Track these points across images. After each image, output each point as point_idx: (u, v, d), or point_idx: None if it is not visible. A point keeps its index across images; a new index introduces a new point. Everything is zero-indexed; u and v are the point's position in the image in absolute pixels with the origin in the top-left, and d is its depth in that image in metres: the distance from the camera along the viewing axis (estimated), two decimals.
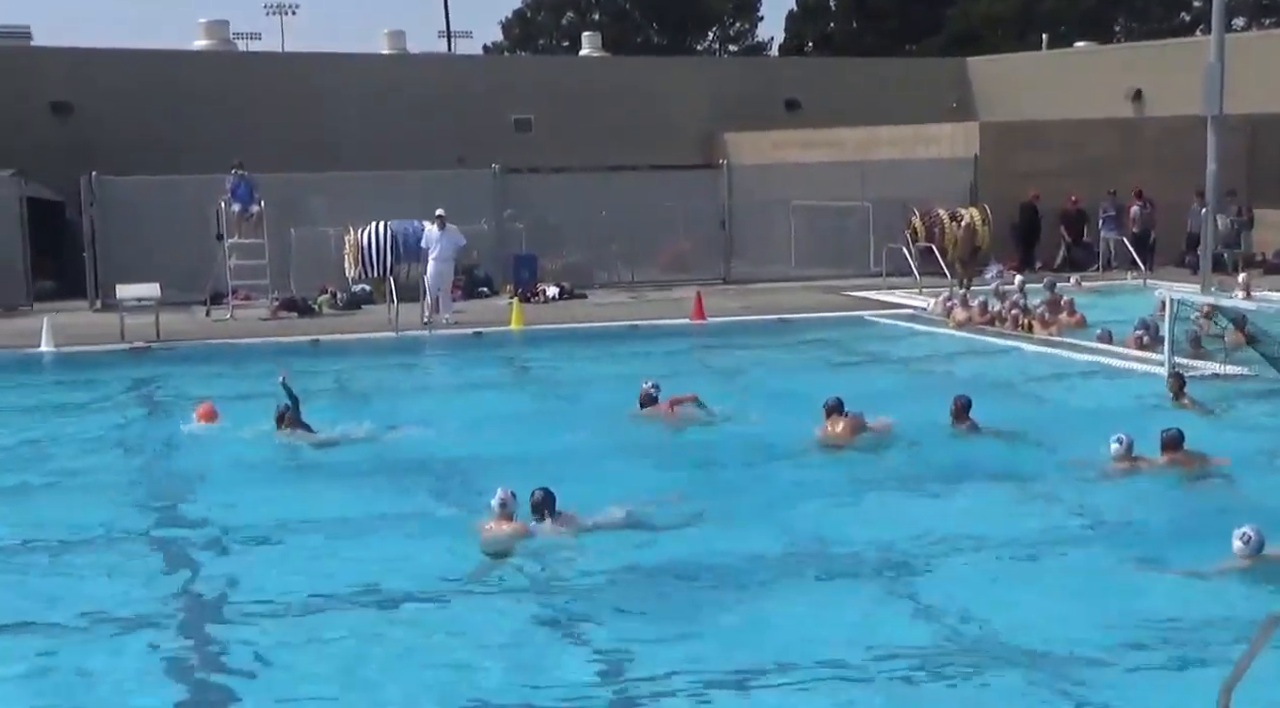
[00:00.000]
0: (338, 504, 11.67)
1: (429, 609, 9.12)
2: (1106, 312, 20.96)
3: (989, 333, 20.41)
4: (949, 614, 8.81)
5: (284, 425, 13.92)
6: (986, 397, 14.60)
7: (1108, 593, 9.17)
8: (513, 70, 41.90)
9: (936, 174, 28.46)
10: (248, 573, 9.92)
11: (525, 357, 19.78)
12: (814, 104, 36.81)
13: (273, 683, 7.96)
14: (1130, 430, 12.26)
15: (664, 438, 14.02)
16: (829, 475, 12.49)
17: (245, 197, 23.87)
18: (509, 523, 10.23)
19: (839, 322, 22.32)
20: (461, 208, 24.61)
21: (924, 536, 10.43)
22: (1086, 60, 39.08)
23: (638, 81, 36.99)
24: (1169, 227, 27.78)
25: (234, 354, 19.90)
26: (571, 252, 27.72)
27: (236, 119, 31.51)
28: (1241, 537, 9.36)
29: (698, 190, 28.68)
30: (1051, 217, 28.44)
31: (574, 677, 7.93)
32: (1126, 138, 29.70)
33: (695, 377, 17.86)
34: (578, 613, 8.99)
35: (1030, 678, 7.85)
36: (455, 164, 29.81)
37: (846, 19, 62.97)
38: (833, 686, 7.75)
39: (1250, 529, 9.38)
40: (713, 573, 9.69)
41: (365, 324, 22.36)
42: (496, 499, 10.27)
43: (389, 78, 35.35)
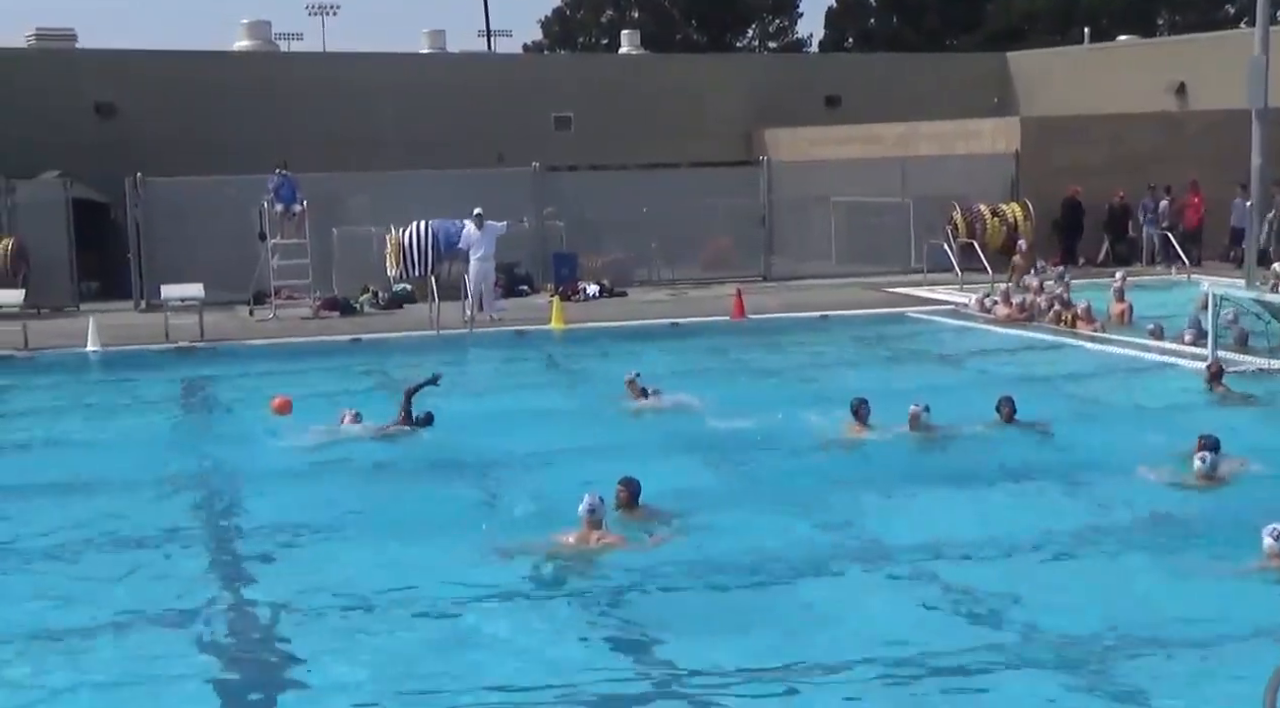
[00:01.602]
0: (380, 504, 11.75)
1: (474, 610, 9.15)
2: (1149, 307, 20.82)
3: (1031, 328, 20.32)
4: (984, 612, 8.80)
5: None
6: (1027, 393, 14.55)
7: (1148, 591, 9.13)
8: (552, 68, 41.98)
9: (977, 170, 28.35)
10: (287, 572, 10.01)
11: (567, 354, 19.82)
12: (854, 100, 36.70)
13: (314, 685, 8.02)
14: (1170, 426, 12.17)
15: (698, 435, 14.00)
16: (861, 472, 12.45)
17: (288, 196, 24.01)
18: (598, 532, 9.99)
19: (880, 318, 22.28)
20: (501, 206, 24.66)
21: (961, 533, 10.42)
22: (1128, 54, 38.79)
23: (677, 79, 36.98)
24: (1213, 221, 27.56)
25: (278, 354, 20.04)
26: (611, 249, 27.75)
27: (278, 119, 31.70)
28: (1272, 533, 9.31)
29: (737, 187, 28.67)
30: (1096, 212, 28.24)
31: (607, 674, 7.97)
32: (1169, 132, 29.47)
33: (736, 374, 17.91)
34: (612, 612, 9.02)
35: (1069, 677, 7.83)
36: (495, 162, 29.90)
37: (886, 15, 62.75)
38: (865, 683, 7.75)
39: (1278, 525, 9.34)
40: (749, 571, 9.70)
41: (406, 323, 22.47)
42: (585, 505, 9.99)
43: (429, 77, 35.48)
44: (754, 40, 66.41)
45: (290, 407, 14.94)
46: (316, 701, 7.79)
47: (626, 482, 10.57)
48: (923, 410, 13.41)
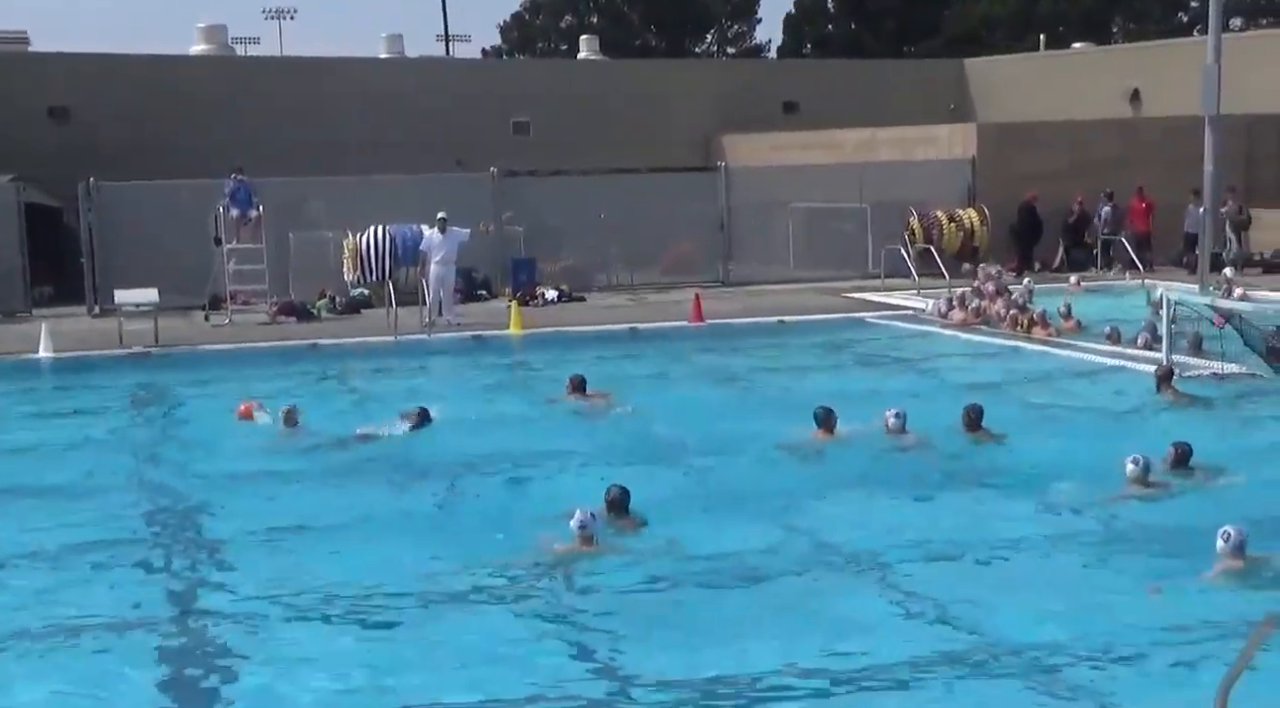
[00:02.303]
0: (339, 507, 11.69)
1: (430, 613, 9.12)
2: (1103, 311, 20.96)
3: (986, 333, 20.42)
4: (944, 618, 8.80)
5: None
6: (982, 398, 14.59)
7: (1104, 597, 9.17)
8: (511, 73, 41.95)
9: (935, 176, 28.50)
10: (248, 578, 9.91)
11: (525, 360, 19.78)
12: (812, 106, 36.83)
13: (276, 693, 7.97)
14: (1123, 429, 12.21)
15: (659, 439, 14.01)
16: (820, 479, 12.45)
17: (244, 201, 23.87)
18: (590, 546, 9.94)
19: (838, 323, 22.33)
20: (460, 211, 24.61)
21: (920, 539, 10.41)
22: (1084, 61, 39.12)
23: (636, 84, 37.03)
24: (1167, 226, 27.79)
25: (233, 359, 19.91)
26: (570, 254, 27.73)
27: (235, 123, 31.53)
28: (1222, 535, 9.40)
29: (696, 193, 28.71)
30: (1053, 218, 28.42)
31: (578, 679, 7.95)
32: (1125, 138, 29.73)
33: (693, 379, 17.92)
34: (582, 618, 9.00)
35: (1027, 682, 7.85)
36: (454, 167, 29.83)
37: (845, 21, 63.00)
38: (831, 689, 7.76)
39: (1231, 528, 9.41)
40: (709, 576, 9.69)
41: (364, 328, 22.36)
42: (576, 521, 9.89)
43: (387, 81, 35.37)
44: (713, 46, 66.57)
45: (254, 412, 14.83)
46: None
47: (619, 488, 10.52)
48: (893, 416, 13.43)
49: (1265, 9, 59.23)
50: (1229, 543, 9.36)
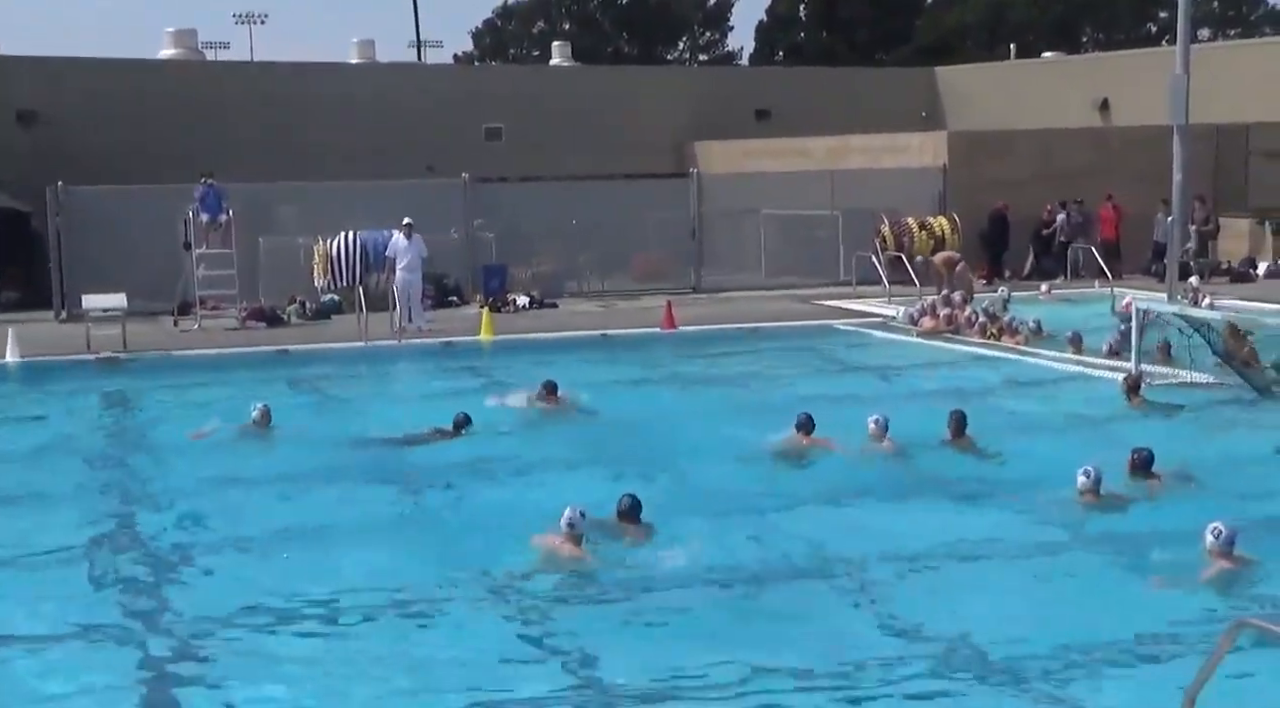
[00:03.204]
0: (312, 513, 11.65)
1: (397, 621, 9.08)
2: (1071, 320, 21.04)
3: (956, 341, 20.48)
4: (915, 626, 8.83)
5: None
6: (954, 405, 14.63)
7: (1074, 602, 9.20)
8: (483, 80, 41.90)
9: (905, 183, 28.59)
10: (211, 585, 9.87)
11: (495, 366, 19.73)
12: (784, 113, 36.93)
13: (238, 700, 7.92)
14: (1093, 436, 12.23)
15: (630, 446, 14.00)
16: (792, 486, 12.45)
17: (214, 206, 23.74)
18: (572, 546, 9.98)
19: (808, 330, 22.37)
20: (431, 217, 24.58)
21: (893, 546, 10.43)
22: (1054, 70, 39.36)
23: (608, 91, 37.06)
24: (1136, 235, 27.95)
25: (202, 365, 19.81)
26: (542, 261, 27.69)
27: (205, 128, 31.39)
28: (1213, 530, 9.44)
29: (668, 199, 28.72)
30: (1022, 226, 28.54)
31: (547, 686, 7.92)
32: (1094, 147, 29.88)
33: (664, 385, 17.92)
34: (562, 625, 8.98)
35: (998, 685, 7.88)
36: (425, 173, 29.76)
37: (816, 29, 63.21)
38: (802, 697, 7.75)
39: (1223, 524, 9.46)
40: (680, 581, 9.68)
41: (334, 334, 22.28)
42: (565, 519, 9.95)
43: (359, 87, 35.30)
44: (685, 53, 66.69)
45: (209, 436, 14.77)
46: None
47: (629, 498, 10.51)
48: (874, 422, 13.45)
49: (1233, 20, 59.73)
50: (1220, 539, 9.41)
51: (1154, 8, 59.27)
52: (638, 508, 10.49)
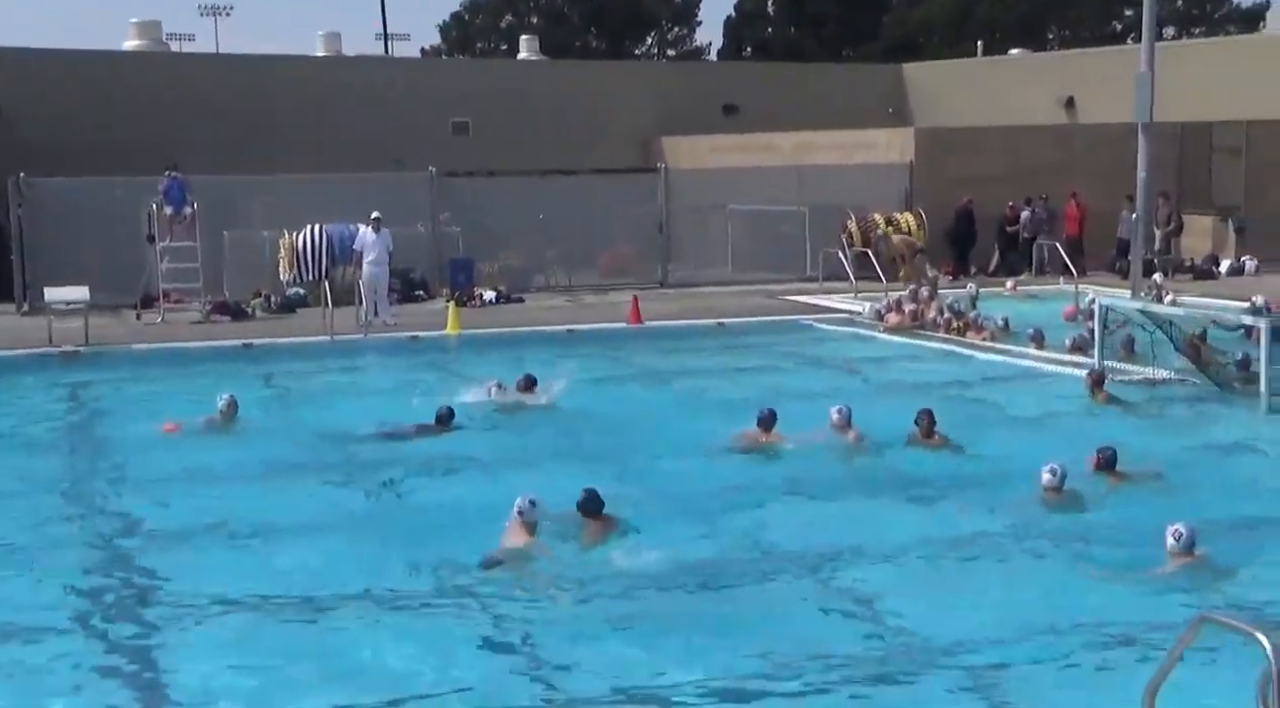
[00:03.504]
0: (271, 508, 11.60)
1: (355, 613, 9.05)
2: (1036, 317, 21.16)
3: (923, 337, 20.55)
4: (877, 621, 8.86)
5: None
6: (920, 401, 14.69)
7: (1038, 599, 9.24)
8: (450, 73, 41.76)
9: (872, 179, 28.66)
10: (177, 576, 9.81)
11: (461, 361, 19.68)
12: (752, 109, 36.96)
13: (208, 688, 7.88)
14: (1057, 432, 12.25)
15: (594, 441, 13.99)
16: (756, 480, 12.45)
17: (178, 198, 23.60)
18: (522, 534, 10.08)
19: (775, 326, 22.41)
20: (398, 211, 24.50)
21: (854, 542, 10.46)
22: (1020, 68, 39.53)
23: (576, 86, 36.99)
24: (1101, 232, 28.10)
25: (166, 358, 19.68)
26: (508, 255, 27.65)
27: (169, 120, 31.17)
28: (1174, 533, 9.50)
29: (636, 194, 28.71)
30: (989, 222, 28.67)
31: (504, 682, 7.90)
32: (1060, 144, 30.04)
33: (630, 380, 17.92)
34: (518, 619, 8.96)
35: (960, 683, 7.91)
36: (392, 167, 29.66)
37: (784, 25, 63.30)
38: (761, 690, 7.76)
39: (1183, 526, 9.53)
40: (642, 576, 9.68)
41: (300, 328, 22.17)
42: (515, 507, 10.10)
43: (325, 80, 35.13)
44: (653, 48, 66.65)
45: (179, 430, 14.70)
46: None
47: (586, 492, 10.53)
48: (837, 412, 13.49)
49: (1198, 18, 60.13)
50: (1180, 541, 9.47)
51: (1120, 6, 59.61)
52: (597, 502, 10.50)
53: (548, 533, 10.22)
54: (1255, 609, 8.65)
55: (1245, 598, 9.03)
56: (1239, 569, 9.60)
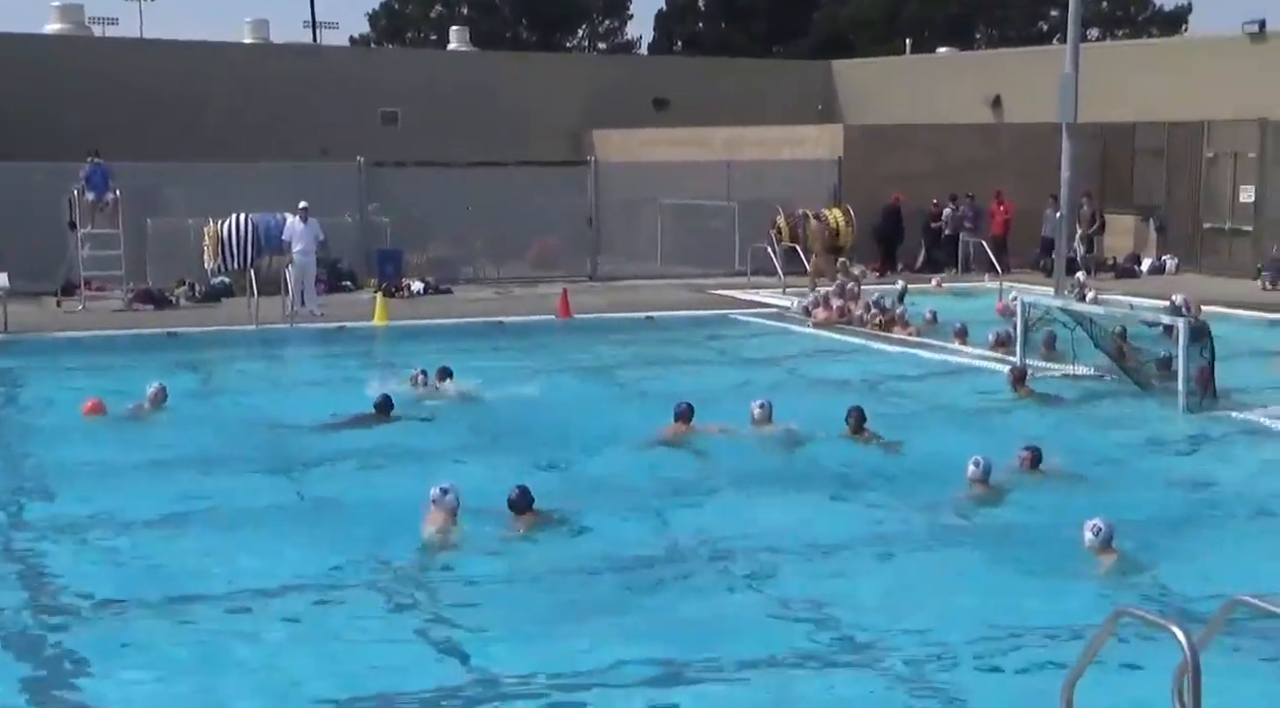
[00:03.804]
0: (194, 498, 11.48)
1: (282, 606, 8.98)
2: (960, 313, 21.39)
3: (849, 332, 20.70)
4: (800, 614, 8.90)
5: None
6: (845, 396, 14.82)
7: (962, 593, 9.33)
8: (380, 63, 41.44)
9: (802, 175, 28.81)
10: (96, 568, 9.70)
11: (388, 352, 19.57)
12: (682, 103, 37.01)
13: (128, 684, 7.79)
14: (978, 427, 12.37)
15: (520, 433, 13.97)
16: (679, 474, 12.48)
17: (100, 185, 23.29)
18: (441, 521, 10.24)
19: (704, 320, 22.48)
20: (325, 201, 24.31)
21: (776, 535, 10.50)
22: (948, 66, 39.85)
23: (506, 77, 36.86)
24: (1026, 231, 28.43)
25: (87, 347, 19.42)
26: (437, 247, 27.53)
27: (92, 105, 30.70)
28: (1092, 528, 9.64)
29: (565, 187, 28.68)
30: (914, 219, 28.91)
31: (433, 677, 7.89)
32: (986, 143, 30.34)
33: (559, 373, 17.89)
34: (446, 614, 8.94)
35: (883, 674, 7.97)
36: (319, 156, 29.41)
37: (715, 19, 63.39)
38: (688, 684, 7.79)
39: (1101, 521, 9.67)
40: (566, 569, 9.70)
41: (225, 317, 21.95)
42: (431, 495, 10.33)
43: (251, 67, 34.75)
44: (584, 40, 66.51)
45: (100, 407, 14.49)
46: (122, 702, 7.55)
47: (518, 489, 10.55)
48: (758, 407, 13.54)
49: (1121, 20, 60.92)
50: (1099, 536, 9.61)
51: (1045, 7, 60.25)
52: (528, 498, 10.50)
53: (476, 524, 10.20)
54: (1172, 603, 8.80)
55: (1162, 592, 9.18)
56: (1156, 564, 9.75)
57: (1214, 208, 28.55)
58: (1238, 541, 10.63)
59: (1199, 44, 34.05)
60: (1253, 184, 27.69)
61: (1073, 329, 16.83)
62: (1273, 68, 28.26)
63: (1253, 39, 29.24)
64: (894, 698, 7.71)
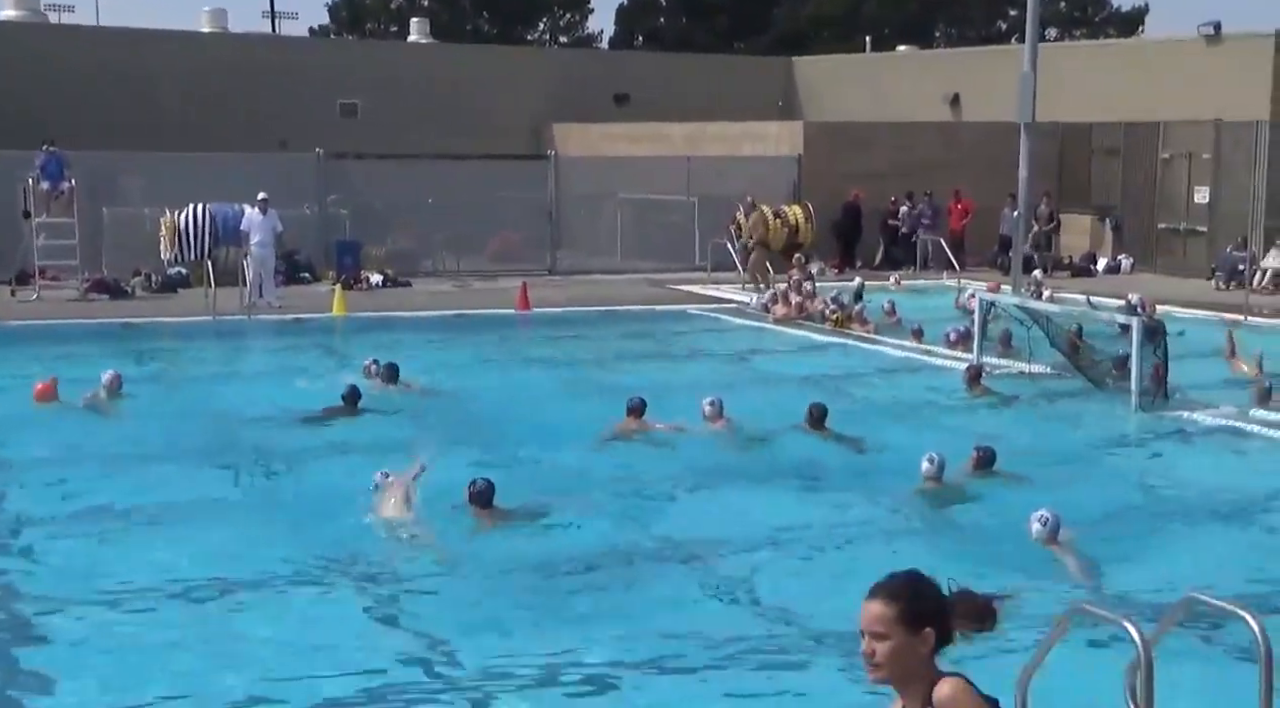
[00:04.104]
0: (150, 489, 11.43)
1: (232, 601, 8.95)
2: (922, 310, 21.52)
3: (807, 328, 20.77)
4: (760, 608, 8.95)
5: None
6: (803, 392, 14.86)
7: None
8: (340, 54, 41.21)
9: (761, 172, 28.87)
10: (50, 561, 9.62)
11: (346, 344, 19.49)
12: (643, 98, 37.02)
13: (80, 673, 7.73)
14: (933, 424, 12.42)
15: (475, 426, 13.95)
16: (632, 469, 12.47)
17: (55, 174, 23.10)
18: (390, 507, 10.45)
19: (663, 315, 22.51)
20: (284, 192, 24.18)
21: (731, 529, 10.55)
22: (908, 64, 40.01)
23: (467, 70, 36.75)
24: (983, 229, 28.60)
25: (42, 336, 19.26)
26: (396, 239, 27.44)
27: (47, 93, 30.42)
28: (1039, 519, 9.73)
29: (525, 181, 28.63)
30: (873, 217, 29.03)
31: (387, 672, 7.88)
32: (945, 141, 30.49)
33: (518, 367, 17.89)
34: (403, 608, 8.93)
35: (836, 670, 8.01)
36: (278, 147, 29.23)
37: (676, 14, 63.40)
38: (655, 677, 7.81)
39: (1047, 512, 9.76)
40: (519, 561, 9.70)
41: (181, 308, 21.82)
42: (373, 483, 10.70)
43: (210, 57, 34.50)
44: (545, 34, 66.35)
45: (53, 392, 14.38)
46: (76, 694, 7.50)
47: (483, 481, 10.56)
48: (709, 404, 13.58)
49: (1079, 20, 61.34)
50: (1046, 526, 9.70)
51: (1004, 6, 60.61)
52: (490, 492, 10.49)
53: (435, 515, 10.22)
54: (1124, 599, 8.88)
55: (1114, 588, 9.27)
56: (1109, 561, 9.85)
57: (1169, 208, 28.80)
58: (1190, 538, 10.74)
59: (1156, 45, 34.34)
60: (1207, 185, 27.96)
61: (1029, 327, 16.94)
62: (1228, 70, 28.55)
63: (1208, 41, 29.52)
64: (848, 693, 7.74)
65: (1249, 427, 14.18)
